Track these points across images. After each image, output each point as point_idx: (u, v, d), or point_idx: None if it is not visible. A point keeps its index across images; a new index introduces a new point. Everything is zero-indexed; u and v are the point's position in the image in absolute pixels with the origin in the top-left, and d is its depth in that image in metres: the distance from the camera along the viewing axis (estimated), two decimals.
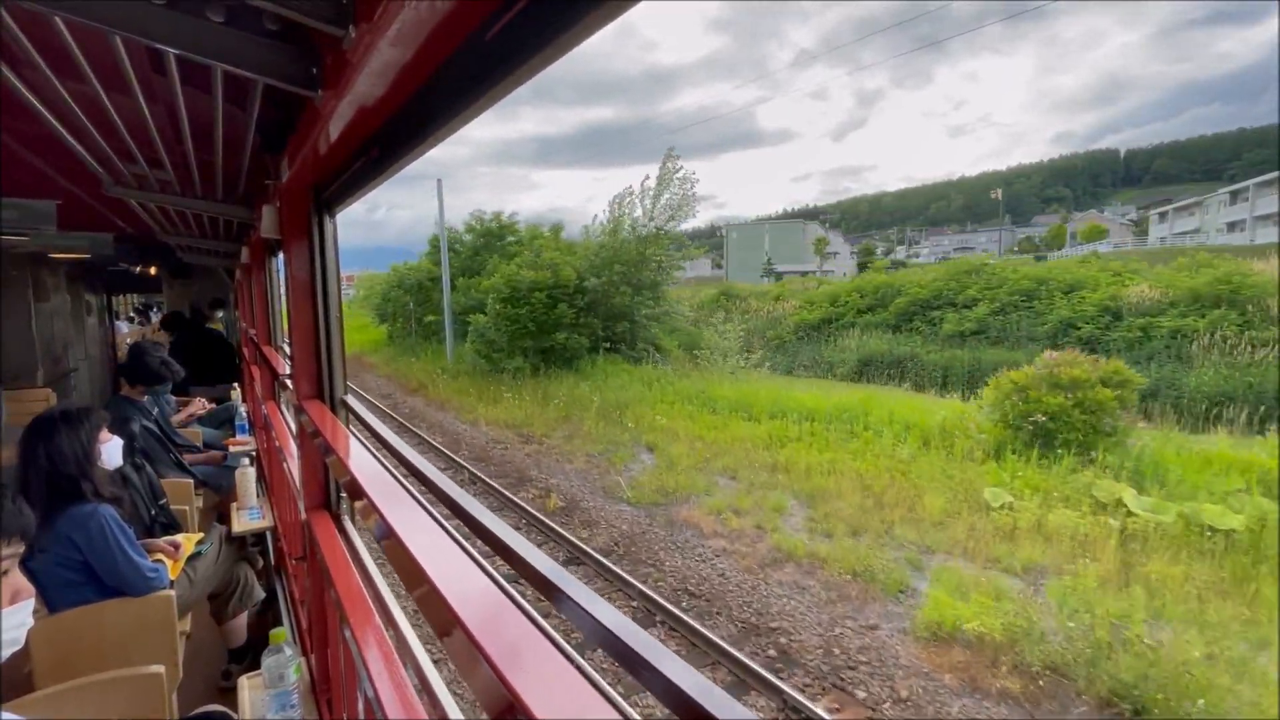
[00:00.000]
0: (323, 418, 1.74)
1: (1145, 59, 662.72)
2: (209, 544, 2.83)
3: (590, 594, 0.76)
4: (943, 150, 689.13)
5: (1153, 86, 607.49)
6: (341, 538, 1.74)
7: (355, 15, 0.81)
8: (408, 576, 0.88)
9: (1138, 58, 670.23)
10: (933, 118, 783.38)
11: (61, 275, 6.41)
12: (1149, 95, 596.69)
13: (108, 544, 2.15)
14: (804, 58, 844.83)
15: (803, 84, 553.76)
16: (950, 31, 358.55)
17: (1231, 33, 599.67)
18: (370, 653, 1.20)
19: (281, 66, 1.06)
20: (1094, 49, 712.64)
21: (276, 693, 1.71)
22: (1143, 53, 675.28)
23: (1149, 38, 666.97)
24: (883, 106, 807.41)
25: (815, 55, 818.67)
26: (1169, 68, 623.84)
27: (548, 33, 0.60)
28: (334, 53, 0.96)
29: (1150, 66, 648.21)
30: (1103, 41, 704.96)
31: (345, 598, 1.38)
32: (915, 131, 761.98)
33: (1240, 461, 7.65)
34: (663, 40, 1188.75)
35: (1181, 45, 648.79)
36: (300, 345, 1.95)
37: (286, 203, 1.89)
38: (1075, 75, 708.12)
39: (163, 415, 3.99)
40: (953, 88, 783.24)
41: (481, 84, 0.78)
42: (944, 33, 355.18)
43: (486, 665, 0.62)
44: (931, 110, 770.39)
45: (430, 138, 1.03)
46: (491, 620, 0.71)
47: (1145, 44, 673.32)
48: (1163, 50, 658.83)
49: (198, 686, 2.71)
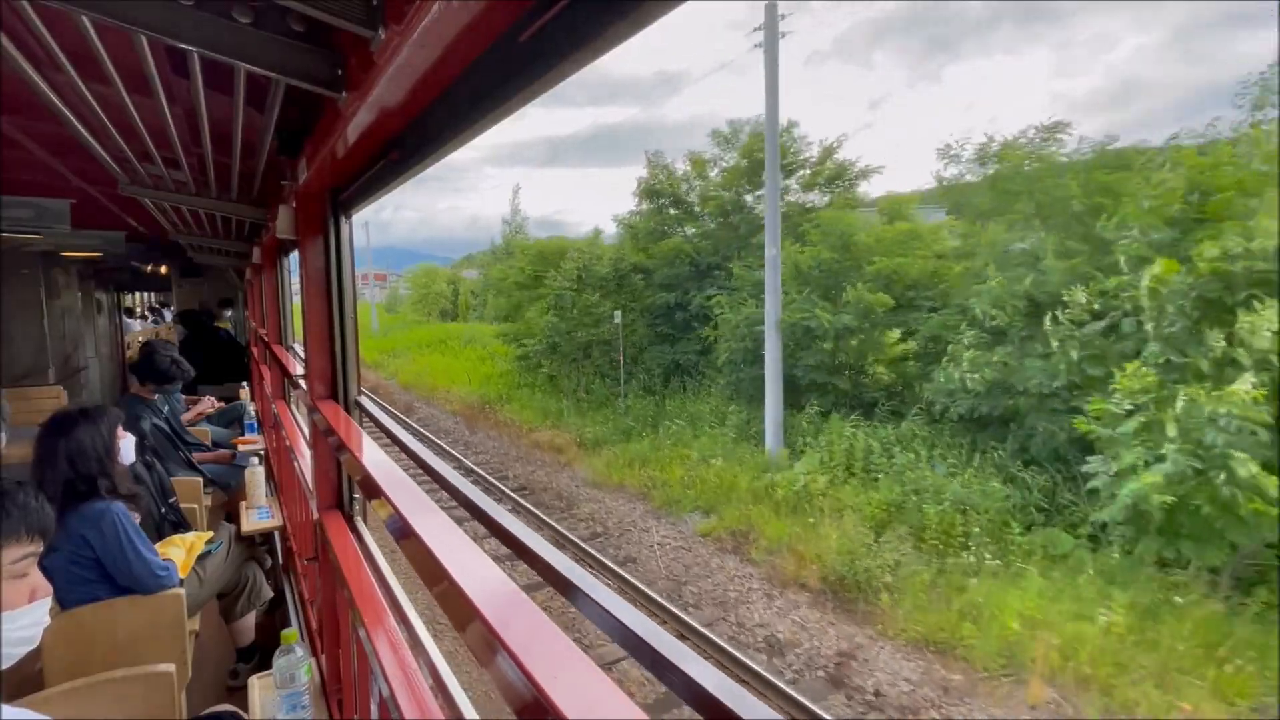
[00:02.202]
0: (336, 417, 1.75)
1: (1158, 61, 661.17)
2: (219, 543, 2.84)
3: (610, 594, 0.77)
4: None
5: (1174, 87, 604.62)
6: (354, 537, 1.75)
7: (385, 16, 0.81)
8: (427, 573, 0.88)
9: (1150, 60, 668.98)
10: (940, 119, 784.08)
11: (73, 274, 6.47)
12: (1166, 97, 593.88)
13: (120, 541, 2.16)
14: (817, 57, 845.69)
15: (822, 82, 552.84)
16: (960, 33, 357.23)
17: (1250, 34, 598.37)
18: (384, 652, 1.20)
19: (306, 67, 1.07)
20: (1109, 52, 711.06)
21: (287, 693, 1.71)
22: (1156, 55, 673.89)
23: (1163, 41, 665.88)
24: (888, 109, 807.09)
25: (827, 55, 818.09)
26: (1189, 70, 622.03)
27: (578, 38, 0.61)
28: (360, 54, 0.96)
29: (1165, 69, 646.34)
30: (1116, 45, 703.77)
31: (359, 597, 1.39)
32: (924, 133, 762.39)
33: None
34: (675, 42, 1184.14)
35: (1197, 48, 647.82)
36: (314, 346, 1.96)
37: (303, 204, 1.91)
38: (1088, 78, 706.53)
39: (173, 414, 4.01)
40: (962, 88, 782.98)
41: (506, 88, 0.78)
42: (953, 35, 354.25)
43: (510, 660, 0.62)
44: (938, 112, 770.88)
45: (451, 141, 1.04)
46: (512, 616, 0.71)
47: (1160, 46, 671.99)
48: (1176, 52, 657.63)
49: (205, 686, 2.72)
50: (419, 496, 1.10)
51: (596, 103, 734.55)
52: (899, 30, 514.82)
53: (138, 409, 3.49)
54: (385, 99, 1.02)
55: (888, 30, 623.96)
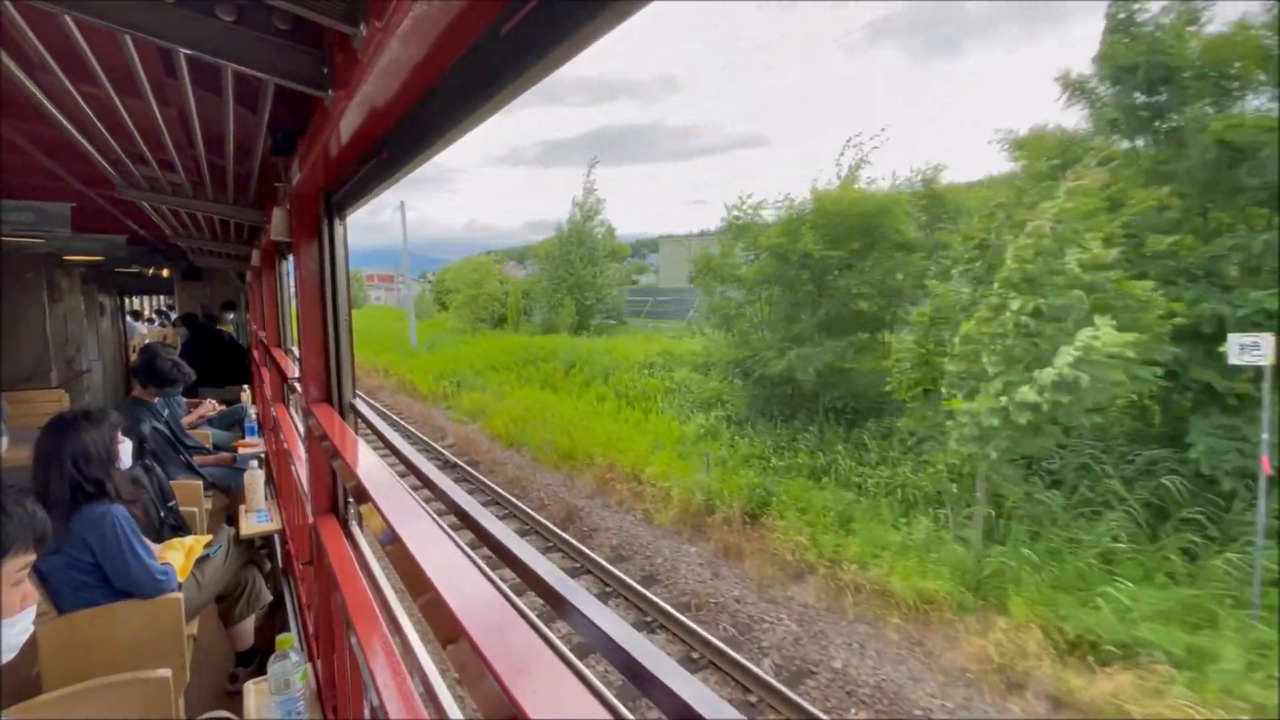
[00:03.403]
0: (331, 421, 1.73)
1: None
2: (218, 546, 2.83)
3: (597, 605, 0.75)
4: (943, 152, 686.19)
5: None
6: (348, 543, 1.73)
7: (367, 12, 0.80)
8: (412, 583, 0.86)
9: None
10: (936, 120, 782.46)
11: (75, 277, 6.48)
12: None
13: (119, 545, 2.15)
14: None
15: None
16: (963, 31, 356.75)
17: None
18: (376, 660, 1.18)
19: (291, 66, 1.05)
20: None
21: (282, 698, 1.70)
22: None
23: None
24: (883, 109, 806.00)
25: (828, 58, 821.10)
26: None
27: (562, 29, 0.59)
28: (344, 51, 0.95)
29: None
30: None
31: (351, 604, 1.37)
32: (923, 132, 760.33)
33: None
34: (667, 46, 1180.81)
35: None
36: (309, 349, 1.94)
37: (297, 205, 1.89)
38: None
39: (173, 417, 4.01)
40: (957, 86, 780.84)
41: (493, 83, 0.76)
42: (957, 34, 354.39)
43: (491, 678, 0.60)
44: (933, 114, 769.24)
45: (440, 140, 1.02)
46: (497, 630, 0.69)
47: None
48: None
49: (204, 690, 2.70)
50: (409, 504, 1.08)
51: (597, 102, 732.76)
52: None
53: (138, 412, 3.49)
54: (373, 97, 1.00)
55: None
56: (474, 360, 17.58)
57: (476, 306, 24.43)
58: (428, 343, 22.48)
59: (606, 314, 21.43)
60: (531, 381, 14.47)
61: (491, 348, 18.66)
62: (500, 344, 18.97)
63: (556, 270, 21.03)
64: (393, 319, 32.27)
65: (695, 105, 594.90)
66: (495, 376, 15.48)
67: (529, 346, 17.48)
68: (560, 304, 20.20)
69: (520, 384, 14.46)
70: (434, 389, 16.04)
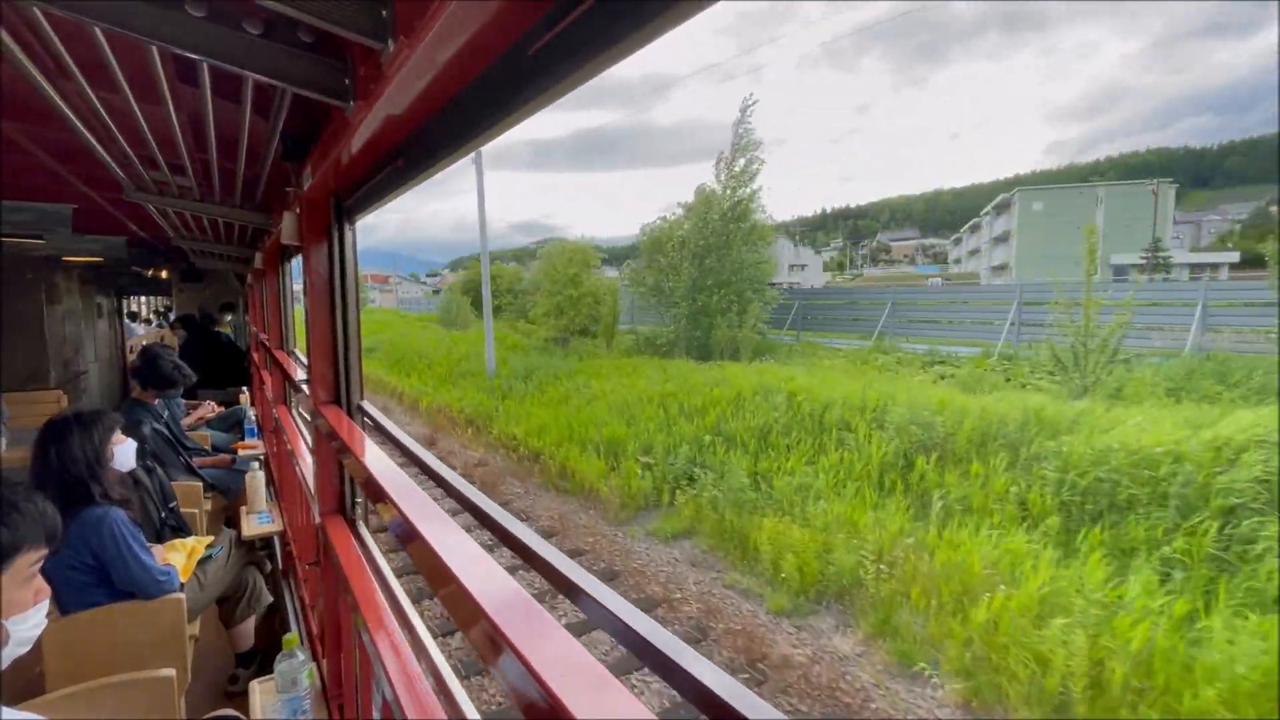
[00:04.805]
0: (340, 422, 1.75)
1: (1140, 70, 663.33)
2: (219, 548, 2.84)
3: (615, 596, 0.77)
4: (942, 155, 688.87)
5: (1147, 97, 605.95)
6: (357, 542, 1.75)
7: (395, 28, 0.83)
8: (433, 576, 0.89)
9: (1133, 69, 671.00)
10: (929, 125, 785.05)
11: (74, 278, 6.48)
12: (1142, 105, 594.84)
13: (119, 547, 2.17)
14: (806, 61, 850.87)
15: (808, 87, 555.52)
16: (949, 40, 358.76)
17: (1228, 44, 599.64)
18: (387, 655, 1.20)
19: (314, 77, 1.08)
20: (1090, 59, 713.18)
21: (289, 697, 1.72)
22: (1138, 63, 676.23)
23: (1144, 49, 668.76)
24: (876, 114, 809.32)
25: (817, 59, 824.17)
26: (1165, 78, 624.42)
27: (588, 50, 0.62)
28: (369, 65, 0.98)
29: (1145, 78, 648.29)
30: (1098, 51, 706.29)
31: (362, 601, 1.39)
32: (914, 138, 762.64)
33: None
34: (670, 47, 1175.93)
35: (1177, 56, 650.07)
36: (318, 352, 1.97)
37: (307, 210, 1.92)
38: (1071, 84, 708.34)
39: (173, 418, 4.02)
40: (949, 94, 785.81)
41: (514, 98, 0.79)
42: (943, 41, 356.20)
43: (519, 663, 0.63)
44: (928, 118, 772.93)
45: (456, 151, 1.05)
46: (519, 617, 0.72)
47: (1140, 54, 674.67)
48: (1159, 61, 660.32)
49: (205, 691, 2.71)
50: (423, 499, 1.11)
51: (583, 106, 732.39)
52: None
53: (138, 413, 3.50)
54: (392, 108, 1.03)
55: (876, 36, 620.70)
56: (650, 415, 8.60)
57: (577, 312, 16.51)
58: (510, 368, 13.33)
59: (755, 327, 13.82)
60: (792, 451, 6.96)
61: (664, 387, 9.82)
62: (681, 378, 10.21)
63: (702, 260, 13.70)
64: (420, 325, 26.57)
65: (685, 110, 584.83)
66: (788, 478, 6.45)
67: (738, 384, 9.01)
68: (706, 309, 13.09)
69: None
70: (575, 466, 7.60)
